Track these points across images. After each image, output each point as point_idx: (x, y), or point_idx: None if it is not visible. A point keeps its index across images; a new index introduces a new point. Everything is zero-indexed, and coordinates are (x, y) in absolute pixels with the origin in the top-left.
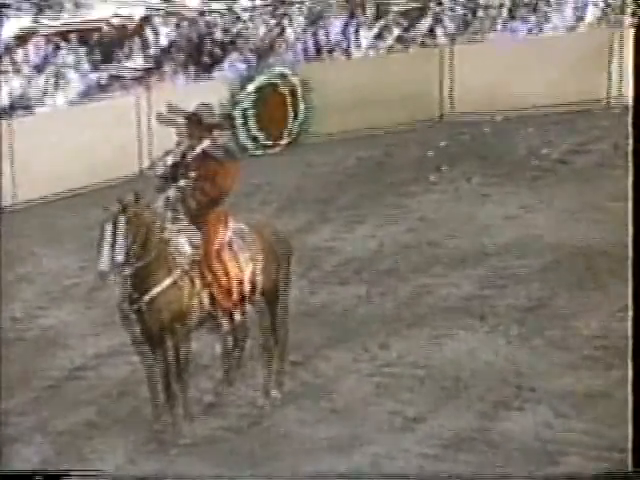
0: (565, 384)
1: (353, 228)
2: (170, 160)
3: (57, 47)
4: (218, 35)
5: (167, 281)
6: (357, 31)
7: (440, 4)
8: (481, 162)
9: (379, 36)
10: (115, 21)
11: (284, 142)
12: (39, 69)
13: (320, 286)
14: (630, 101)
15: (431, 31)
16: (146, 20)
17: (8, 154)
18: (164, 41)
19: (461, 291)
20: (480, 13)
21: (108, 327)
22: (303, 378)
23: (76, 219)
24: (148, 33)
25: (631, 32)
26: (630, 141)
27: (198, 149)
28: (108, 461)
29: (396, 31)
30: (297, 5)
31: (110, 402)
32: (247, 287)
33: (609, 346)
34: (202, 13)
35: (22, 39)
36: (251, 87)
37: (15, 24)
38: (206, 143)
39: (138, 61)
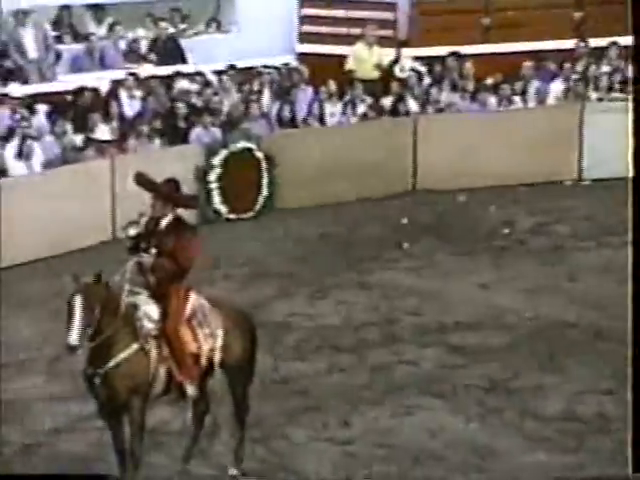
0: (525, 464)
1: (314, 304)
2: (132, 232)
3: (25, 115)
4: (191, 101)
5: (124, 354)
6: (322, 106)
7: (404, 84)
8: (444, 239)
9: (344, 111)
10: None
11: (248, 216)
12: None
13: (281, 361)
14: None
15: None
16: (116, 89)
17: None
18: (135, 108)
19: (421, 369)
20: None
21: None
22: (262, 456)
23: (44, 285)
24: (119, 101)
25: None
26: None
27: (161, 224)
28: None
29: (361, 107)
30: (265, 77)
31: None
32: (205, 363)
33: (567, 429)
34: (173, 79)
35: None
36: (216, 160)
37: None
38: (169, 219)
39: (111, 126)
